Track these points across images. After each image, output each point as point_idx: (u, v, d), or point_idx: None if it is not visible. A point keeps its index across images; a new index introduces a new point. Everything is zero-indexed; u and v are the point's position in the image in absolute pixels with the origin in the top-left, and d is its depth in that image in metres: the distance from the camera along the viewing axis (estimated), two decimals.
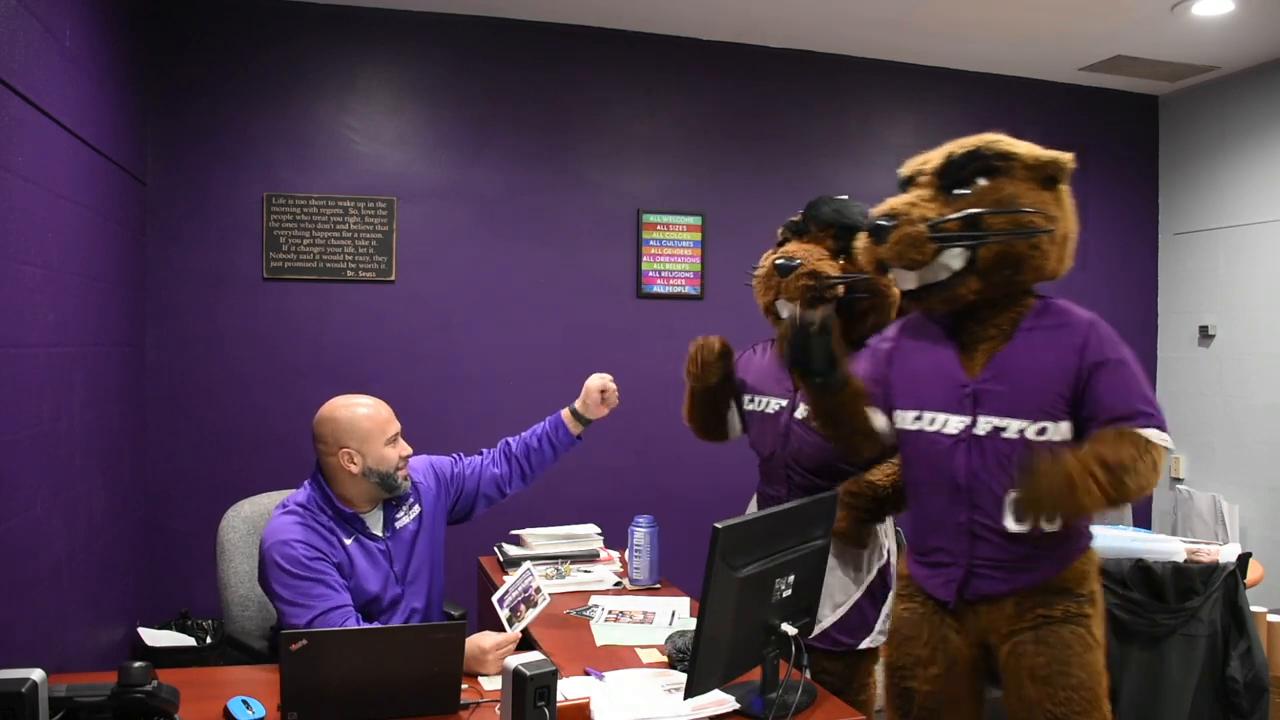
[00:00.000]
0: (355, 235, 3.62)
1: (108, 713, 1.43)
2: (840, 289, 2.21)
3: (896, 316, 2.26)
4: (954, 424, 1.80)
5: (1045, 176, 1.80)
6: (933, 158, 1.89)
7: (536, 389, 3.82)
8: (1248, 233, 4.21)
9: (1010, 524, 1.75)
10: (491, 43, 3.77)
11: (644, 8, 3.69)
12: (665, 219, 3.99)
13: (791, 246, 2.30)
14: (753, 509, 2.48)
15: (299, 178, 3.58)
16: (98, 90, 2.75)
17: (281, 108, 3.56)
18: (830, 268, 2.23)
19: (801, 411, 2.26)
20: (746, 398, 2.41)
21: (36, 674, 1.35)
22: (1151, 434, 1.66)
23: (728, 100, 4.06)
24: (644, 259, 3.97)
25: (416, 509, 2.22)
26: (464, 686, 1.70)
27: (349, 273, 3.62)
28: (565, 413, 2.40)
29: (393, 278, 3.67)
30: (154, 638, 3.11)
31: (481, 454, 2.41)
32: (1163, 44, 3.92)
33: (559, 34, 3.84)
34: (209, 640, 3.19)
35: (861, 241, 1.90)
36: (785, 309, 2.26)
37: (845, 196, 2.40)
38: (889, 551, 2.32)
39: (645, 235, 3.96)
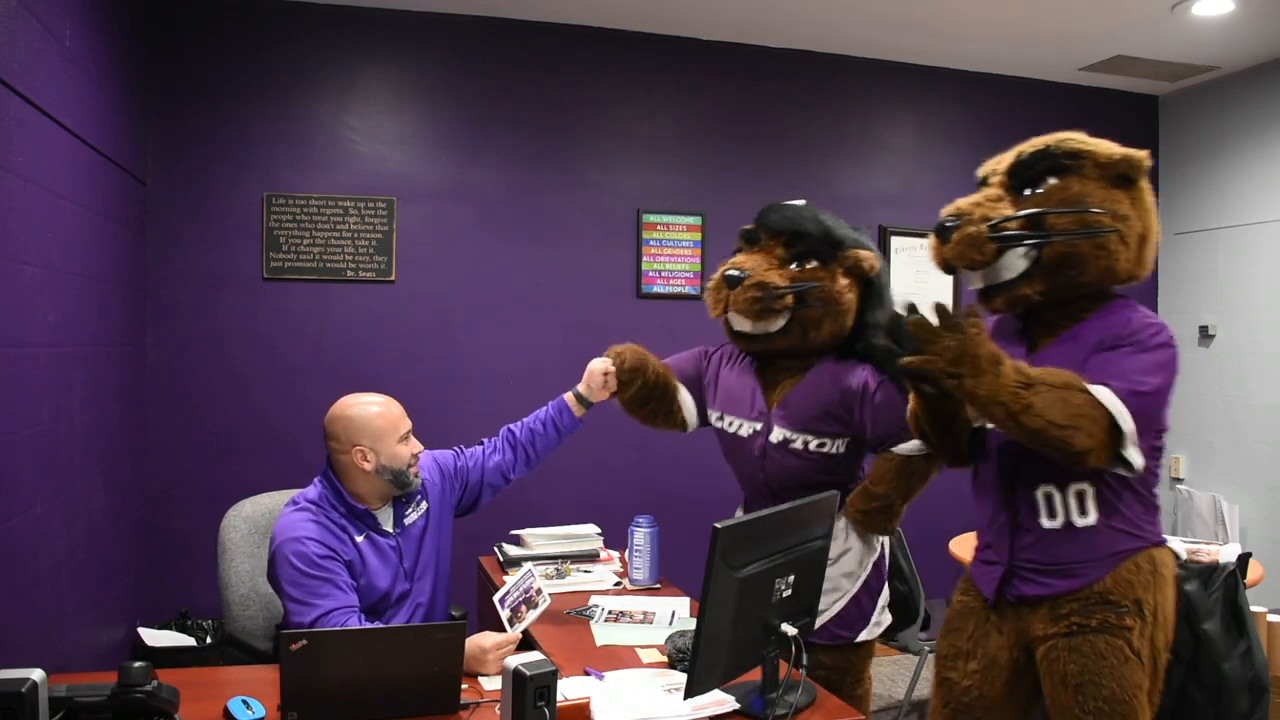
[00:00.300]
0: (355, 235, 3.62)
1: (108, 713, 1.43)
2: (789, 299, 2.18)
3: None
4: None
5: (1117, 175, 1.76)
6: (1006, 157, 1.87)
7: (536, 389, 3.80)
8: (1248, 233, 4.21)
9: (1044, 521, 1.75)
10: (491, 43, 3.77)
11: (644, 8, 3.69)
12: (665, 219, 3.99)
13: (740, 257, 2.28)
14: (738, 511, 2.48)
15: (299, 178, 3.58)
16: (98, 90, 2.75)
17: (281, 108, 3.56)
18: (778, 277, 2.20)
19: (777, 435, 2.25)
20: (714, 413, 2.39)
21: (36, 674, 1.35)
22: (1101, 391, 1.61)
23: (728, 100, 4.06)
24: (644, 259, 3.97)
25: (424, 505, 2.24)
26: (464, 686, 1.70)
27: (349, 273, 3.62)
28: (569, 396, 2.42)
29: (393, 278, 3.67)
30: (154, 638, 3.11)
31: (483, 444, 2.42)
32: (1163, 44, 3.91)
33: (559, 34, 3.84)
34: (209, 640, 3.19)
35: (930, 242, 1.89)
36: (738, 322, 2.25)
37: (803, 201, 2.36)
38: (881, 545, 2.33)
39: (645, 235, 3.96)
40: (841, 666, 2.26)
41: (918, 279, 4.27)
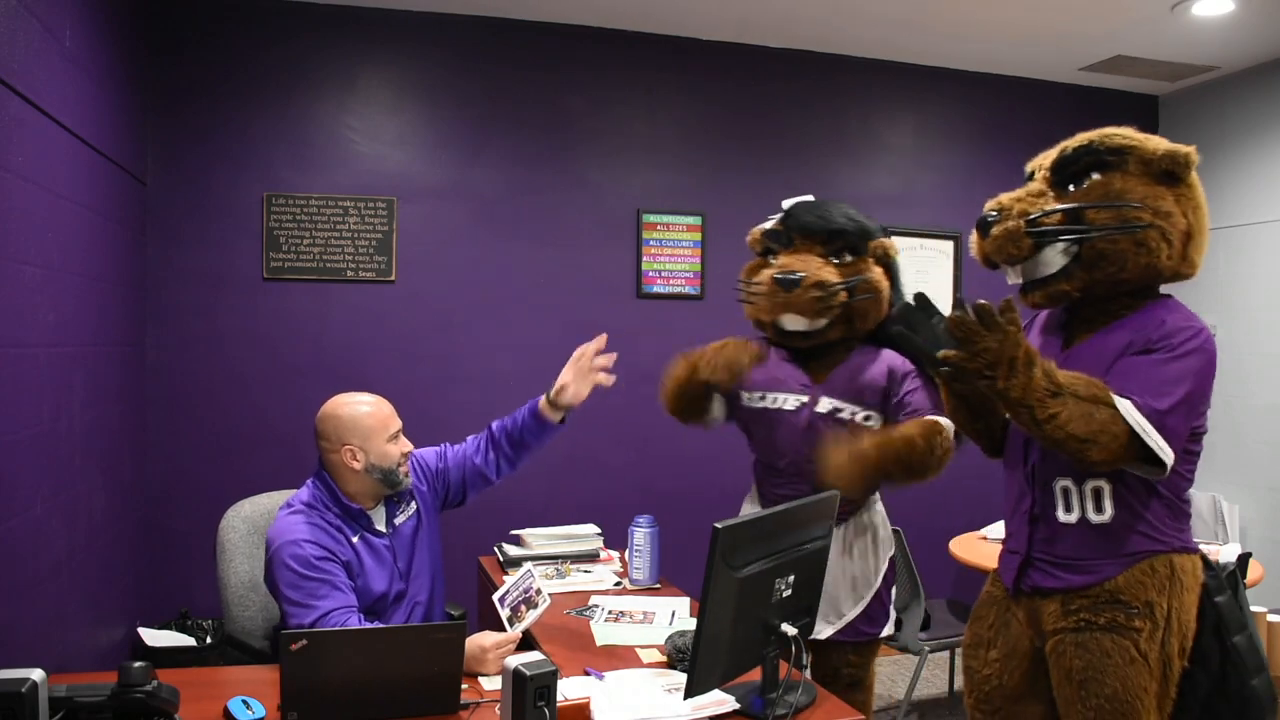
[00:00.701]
0: (355, 235, 3.62)
1: (108, 713, 1.43)
2: (842, 295, 2.25)
3: None
4: None
5: (1162, 171, 1.75)
6: (1052, 152, 1.86)
7: (536, 389, 3.80)
8: (1248, 233, 4.21)
9: (1060, 514, 1.76)
10: (491, 43, 3.77)
11: (644, 8, 3.69)
12: (665, 219, 3.99)
13: (786, 259, 2.30)
14: (748, 511, 2.48)
15: (299, 178, 3.58)
16: (98, 90, 2.75)
17: (281, 108, 3.56)
18: (831, 274, 2.26)
19: (825, 405, 2.28)
20: (754, 394, 2.39)
21: (36, 674, 1.35)
22: (1125, 405, 1.62)
23: (728, 100, 4.06)
24: (644, 259, 3.97)
25: (414, 505, 2.24)
26: (464, 686, 1.70)
27: (349, 273, 3.62)
28: (542, 402, 2.35)
29: (393, 278, 3.67)
30: (154, 638, 3.11)
31: (467, 441, 2.41)
32: (1163, 44, 3.91)
33: (559, 34, 3.84)
34: (209, 640, 3.19)
35: (972, 237, 1.89)
36: (793, 323, 2.27)
37: (810, 197, 2.41)
38: (891, 539, 2.40)
39: (645, 235, 3.96)
40: (864, 663, 2.32)
41: (918, 278, 4.27)
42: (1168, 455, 1.62)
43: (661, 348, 3.94)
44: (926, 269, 4.31)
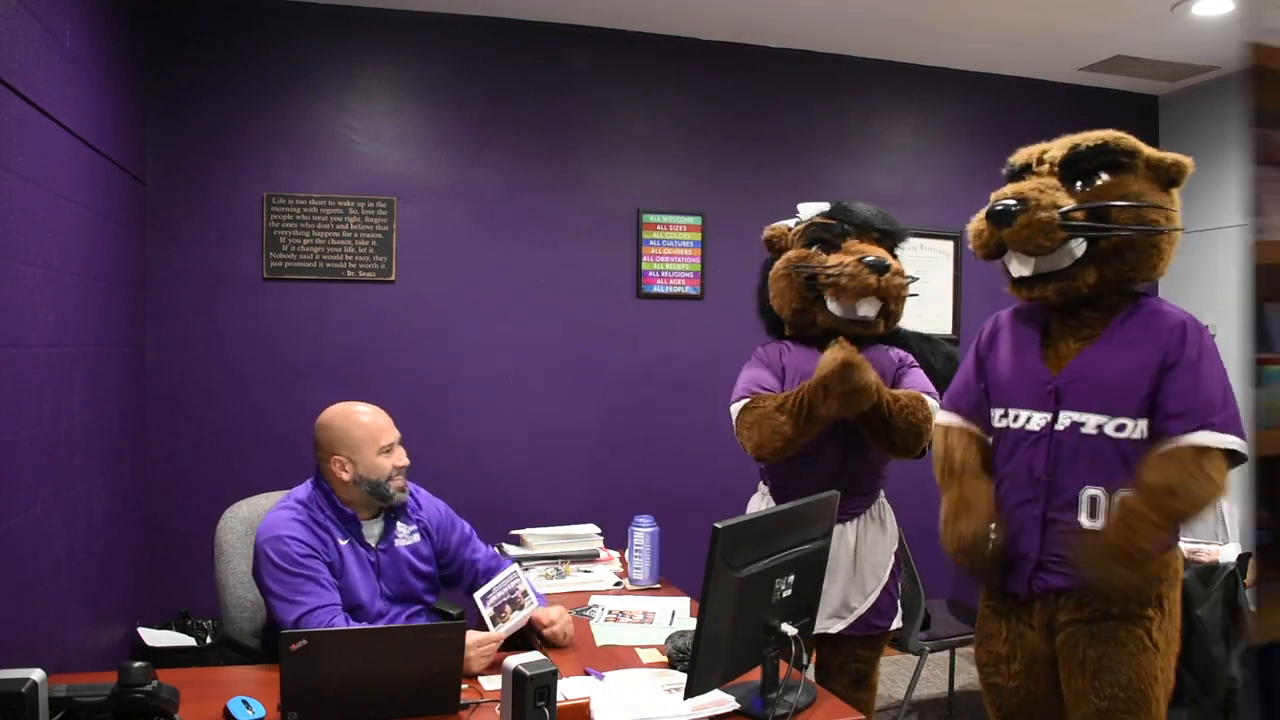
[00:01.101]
0: (355, 235, 3.62)
1: (108, 713, 1.43)
2: (909, 286, 2.36)
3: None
4: (1036, 420, 1.83)
5: (1167, 178, 1.81)
6: (1052, 148, 1.88)
7: (536, 389, 3.82)
8: (1247, 233, 4.21)
9: (1085, 520, 1.77)
10: (491, 43, 3.77)
11: (644, 8, 3.69)
12: (665, 219, 3.99)
13: (859, 245, 2.33)
14: (756, 505, 2.49)
15: (299, 178, 3.58)
16: (98, 90, 2.75)
17: (281, 108, 3.56)
18: (901, 267, 2.36)
19: None
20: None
21: (36, 674, 1.35)
22: (1201, 437, 1.66)
23: (728, 100, 4.06)
24: (644, 259, 3.97)
25: (418, 536, 2.21)
26: (464, 686, 1.70)
27: (349, 273, 3.62)
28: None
29: (393, 278, 3.67)
30: (154, 638, 3.11)
31: (489, 554, 2.33)
32: (1163, 44, 3.91)
33: (559, 34, 3.84)
34: (209, 640, 3.19)
35: (977, 224, 1.88)
36: (868, 308, 2.30)
37: (826, 205, 2.47)
38: (897, 533, 2.42)
39: (645, 235, 3.96)
40: (872, 657, 2.35)
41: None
42: (1246, 448, 1.68)
43: (661, 348, 3.98)
44: (926, 269, 4.30)
